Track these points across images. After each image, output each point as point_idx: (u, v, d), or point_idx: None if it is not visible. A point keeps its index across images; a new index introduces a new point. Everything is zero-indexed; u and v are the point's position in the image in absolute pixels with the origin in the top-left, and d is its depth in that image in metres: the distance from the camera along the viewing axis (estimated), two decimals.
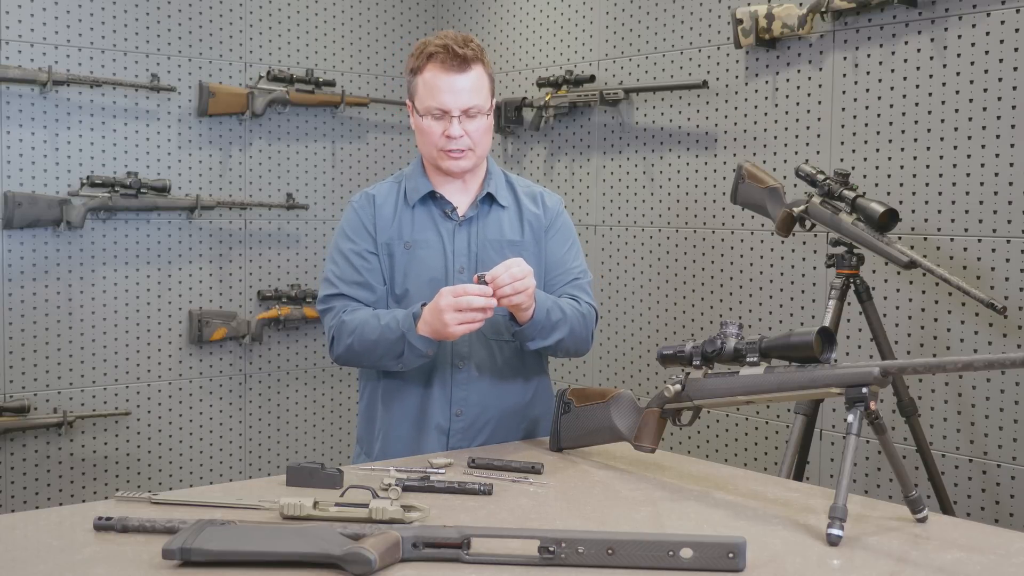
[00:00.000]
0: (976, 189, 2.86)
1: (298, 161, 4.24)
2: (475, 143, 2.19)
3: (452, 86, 2.15)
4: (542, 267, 2.26)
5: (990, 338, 2.84)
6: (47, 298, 3.72)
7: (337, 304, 2.20)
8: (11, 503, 3.68)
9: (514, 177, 2.34)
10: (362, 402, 2.32)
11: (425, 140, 2.21)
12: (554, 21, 4.08)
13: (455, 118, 2.16)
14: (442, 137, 2.17)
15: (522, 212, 2.29)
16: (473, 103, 2.16)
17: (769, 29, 3.23)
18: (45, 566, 1.40)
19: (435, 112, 2.17)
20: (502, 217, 2.26)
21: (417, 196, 2.23)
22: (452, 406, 2.20)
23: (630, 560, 1.40)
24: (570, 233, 2.34)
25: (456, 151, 2.18)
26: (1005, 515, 2.83)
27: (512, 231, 2.26)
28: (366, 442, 2.29)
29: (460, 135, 2.16)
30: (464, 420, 2.20)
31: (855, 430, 1.58)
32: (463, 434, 2.20)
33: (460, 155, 2.18)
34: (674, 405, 1.90)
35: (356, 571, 1.36)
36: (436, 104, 2.16)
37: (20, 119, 3.65)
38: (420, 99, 2.19)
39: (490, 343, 2.22)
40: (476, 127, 2.18)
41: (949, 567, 1.45)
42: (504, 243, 2.24)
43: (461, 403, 2.20)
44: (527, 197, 2.31)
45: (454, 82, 2.15)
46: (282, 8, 4.21)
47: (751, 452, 3.41)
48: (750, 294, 3.41)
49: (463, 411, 2.20)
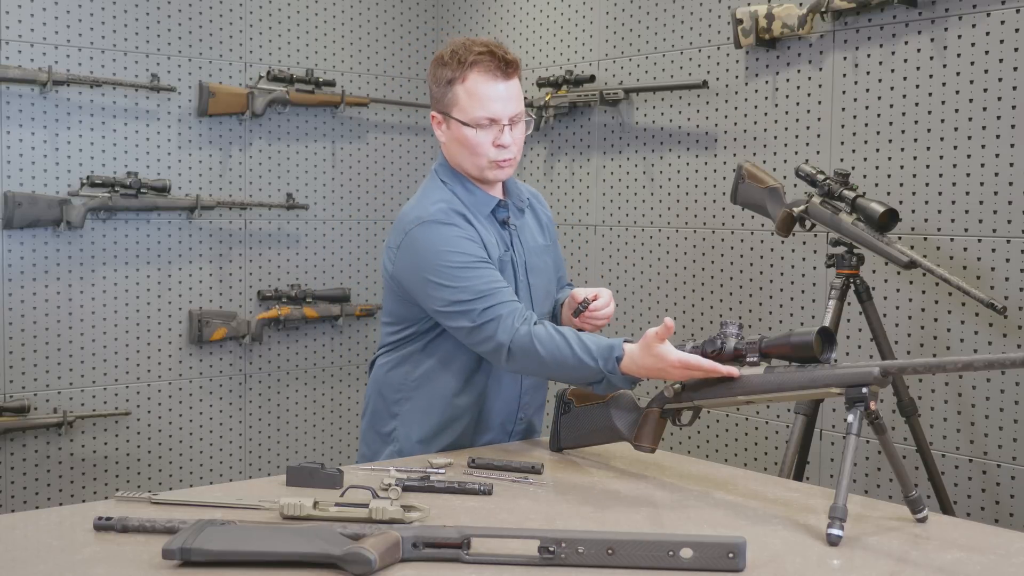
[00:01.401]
0: (976, 189, 2.86)
1: (298, 161, 4.24)
2: (518, 149, 2.15)
3: (502, 94, 2.08)
4: (558, 266, 2.36)
5: (990, 338, 2.84)
6: (47, 298, 3.72)
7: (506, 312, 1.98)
8: (11, 503, 3.68)
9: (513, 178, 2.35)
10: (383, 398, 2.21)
11: (473, 151, 2.10)
12: (554, 21, 4.08)
13: (506, 127, 2.09)
14: (493, 147, 2.09)
15: (538, 215, 2.30)
16: (520, 110, 2.12)
17: (769, 29, 3.23)
18: (45, 566, 1.40)
19: (484, 122, 2.08)
20: (529, 222, 2.27)
21: (487, 209, 2.15)
22: (519, 411, 2.22)
23: (630, 560, 1.40)
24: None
25: (505, 160, 2.11)
26: (1005, 515, 2.83)
27: (540, 235, 2.28)
28: (379, 441, 2.21)
29: (511, 143, 2.10)
30: (524, 423, 2.25)
31: (855, 430, 1.58)
32: (518, 436, 2.25)
33: (508, 164, 2.13)
34: (674, 405, 1.90)
35: (356, 571, 1.36)
36: (487, 113, 2.07)
37: (20, 119, 3.65)
38: (463, 109, 2.08)
39: None
40: (520, 134, 2.14)
41: (949, 567, 1.45)
42: (540, 248, 2.26)
43: (526, 409, 2.24)
44: (534, 199, 2.33)
45: (503, 89, 2.09)
46: (282, 8, 4.21)
47: (751, 452, 3.41)
48: (750, 294, 3.41)
49: (524, 416, 2.24)
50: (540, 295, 2.22)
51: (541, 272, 2.23)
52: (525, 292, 2.18)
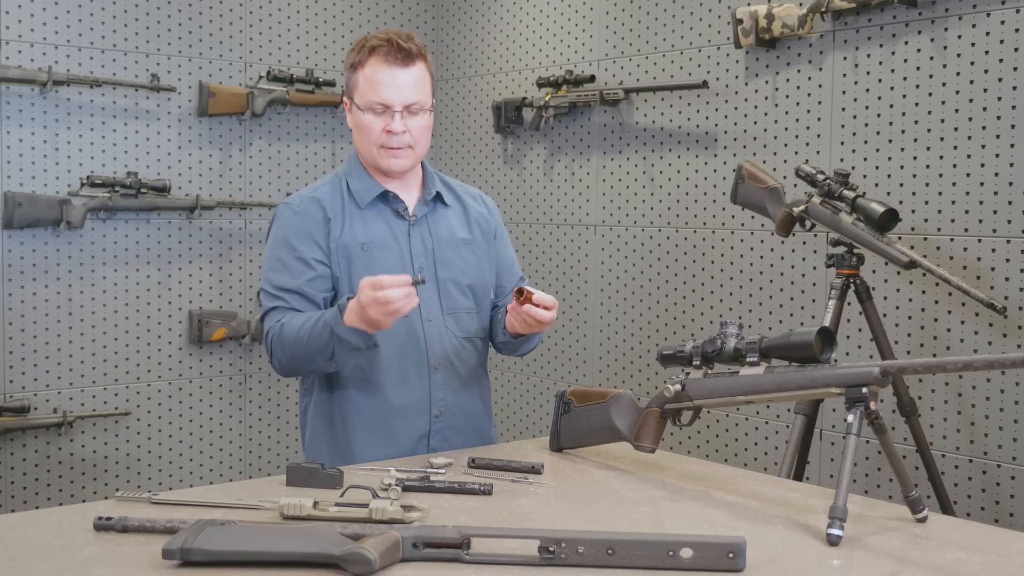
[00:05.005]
0: (976, 189, 2.86)
1: (298, 161, 4.24)
2: (415, 141, 2.16)
3: (395, 80, 2.12)
4: (494, 266, 2.30)
5: (990, 338, 2.84)
6: (47, 298, 3.72)
7: (277, 315, 2.11)
8: (11, 503, 3.68)
9: (447, 178, 2.35)
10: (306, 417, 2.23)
11: (364, 136, 2.16)
12: (554, 21, 4.08)
13: (397, 113, 2.12)
14: (383, 133, 2.13)
15: (467, 211, 2.30)
16: (416, 99, 2.14)
17: (769, 29, 3.23)
18: (45, 566, 1.40)
19: (376, 107, 2.13)
20: (449, 216, 2.26)
21: (369, 197, 2.18)
22: (432, 408, 2.17)
23: (630, 560, 1.40)
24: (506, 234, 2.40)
25: (396, 148, 2.14)
26: (1005, 515, 2.83)
27: (461, 230, 2.26)
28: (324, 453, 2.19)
29: (402, 131, 2.13)
30: (442, 421, 2.19)
31: (855, 430, 1.58)
32: (440, 435, 2.18)
33: (400, 152, 2.15)
34: (674, 405, 1.90)
35: (356, 571, 1.35)
36: (378, 99, 2.12)
37: (20, 119, 3.65)
38: (361, 94, 2.14)
39: (467, 341, 2.23)
40: (418, 124, 2.15)
41: (949, 567, 1.45)
42: (458, 242, 2.24)
43: (439, 404, 2.18)
44: (468, 196, 2.33)
45: (397, 76, 2.12)
46: (282, 8, 4.21)
47: (751, 452, 3.41)
48: (750, 294, 3.41)
49: (442, 413, 2.18)
50: (451, 288, 2.21)
51: (455, 266, 2.22)
52: (431, 282, 2.18)
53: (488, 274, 2.28)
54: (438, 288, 2.19)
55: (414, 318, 2.14)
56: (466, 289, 2.23)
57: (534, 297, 2.03)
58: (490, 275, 2.29)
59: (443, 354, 2.18)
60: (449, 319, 2.20)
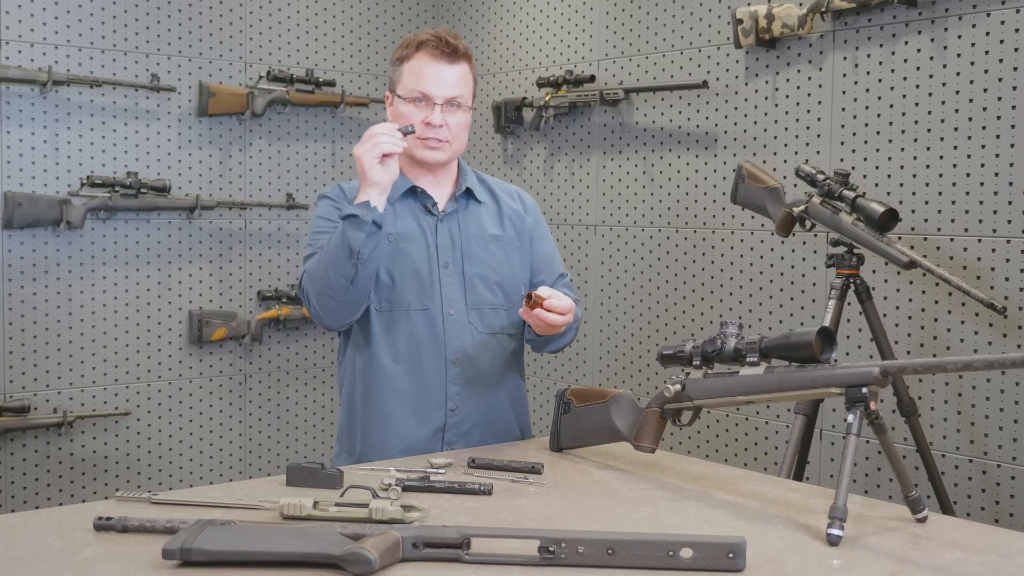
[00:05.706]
0: (976, 189, 2.86)
1: (298, 161, 4.24)
2: (453, 136, 2.18)
3: (439, 74, 2.15)
4: (527, 263, 2.29)
5: (990, 338, 2.84)
6: (47, 298, 3.72)
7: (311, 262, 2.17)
8: (11, 503, 3.68)
9: (485, 176, 2.36)
10: (343, 397, 2.28)
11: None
12: (554, 21, 4.08)
13: (438, 106, 2.15)
14: (422, 125, 2.15)
15: (501, 207, 2.30)
16: (458, 93, 2.16)
17: (769, 29, 3.23)
18: (45, 566, 1.40)
19: (417, 97, 2.15)
20: (481, 212, 2.27)
21: (398, 192, 2.19)
22: (447, 401, 2.18)
23: (630, 560, 1.40)
24: (549, 232, 2.39)
25: (434, 140, 2.16)
26: (1005, 515, 2.83)
27: (492, 226, 2.27)
28: (347, 440, 2.25)
29: (441, 124, 2.15)
30: (458, 415, 2.19)
31: (855, 430, 1.58)
32: (456, 430, 2.19)
33: (438, 145, 2.17)
34: (674, 405, 1.90)
35: (356, 571, 1.35)
36: (421, 88, 2.15)
37: (20, 119, 3.65)
38: (403, 85, 2.18)
39: (491, 337, 2.22)
40: (457, 120, 2.17)
41: (949, 567, 1.45)
42: (487, 237, 2.25)
43: (455, 398, 2.19)
44: (504, 193, 2.33)
45: (441, 71, 2.15)
46: (282, 8, 4.21)
47: (751, 452, 3.41)
48: (750, 294, 3.41)
49: (458, 407, 2.19)
50: (477, 283, 2.21)
51: (482, 262, 2.22)
52: (457, 277, 2.19)
53: (520, 271, 2.28)
54: (464, 283, 2.20)
55: (435, 311, 2.16)
56: (494, 285, 2.23)
57: (546, 302, 2.03)
58: (522, 272, 2.28)
59: (462, 348, 2.18)
60: (473, 314, 2.20)
